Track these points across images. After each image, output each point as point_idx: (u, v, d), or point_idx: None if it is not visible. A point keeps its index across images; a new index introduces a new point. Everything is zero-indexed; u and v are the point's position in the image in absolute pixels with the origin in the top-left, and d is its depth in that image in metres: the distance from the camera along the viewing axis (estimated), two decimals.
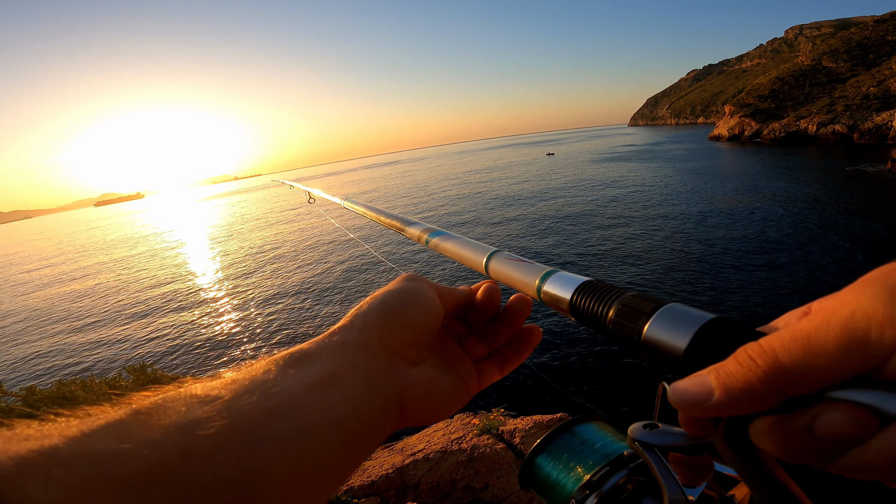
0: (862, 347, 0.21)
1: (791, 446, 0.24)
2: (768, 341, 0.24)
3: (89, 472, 0.21)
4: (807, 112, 78.33)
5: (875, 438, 0.21)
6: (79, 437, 0.22)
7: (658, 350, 0.32)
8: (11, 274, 46.30)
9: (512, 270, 0.57)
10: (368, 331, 0.39)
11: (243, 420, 0.27)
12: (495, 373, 0.48)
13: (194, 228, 60.70)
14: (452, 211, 36.55)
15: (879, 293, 0.21)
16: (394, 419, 0.37)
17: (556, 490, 0.42)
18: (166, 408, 0.26)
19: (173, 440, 0.24)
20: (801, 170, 38.15)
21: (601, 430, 0.46)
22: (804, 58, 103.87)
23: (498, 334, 0.49)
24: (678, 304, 0.34)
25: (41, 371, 16.03)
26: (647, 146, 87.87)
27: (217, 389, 0.29)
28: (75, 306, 25.32)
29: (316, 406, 0.31)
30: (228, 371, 0.33)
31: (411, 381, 0.39)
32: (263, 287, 22.19)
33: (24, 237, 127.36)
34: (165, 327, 18.55)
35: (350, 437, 0.32)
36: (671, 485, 0.34)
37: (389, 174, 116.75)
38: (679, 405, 0.28)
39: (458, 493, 4.73)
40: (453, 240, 0.76)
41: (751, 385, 0.24)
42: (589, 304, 0.42)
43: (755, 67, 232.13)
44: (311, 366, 0.34)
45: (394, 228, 1.05)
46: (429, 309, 0.42)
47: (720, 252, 17.56)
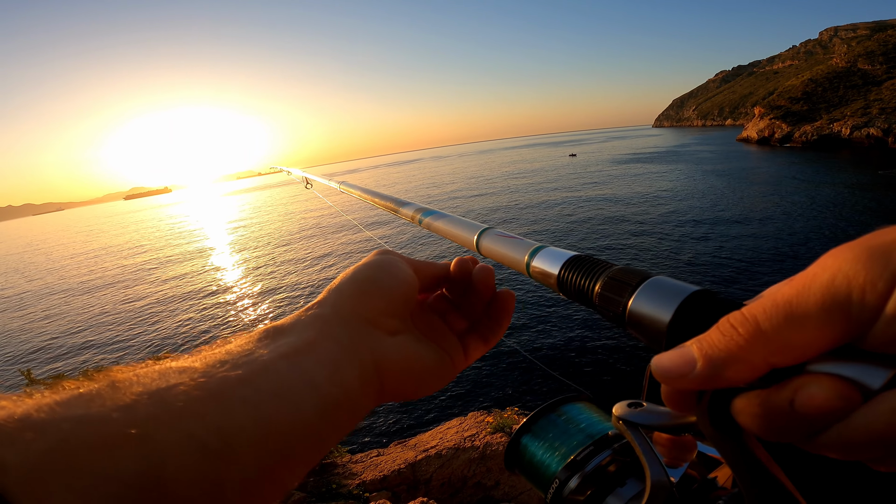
0: (844, 312, 0.21)
1: (772, 422, 0.23)
2: (750, 309, 0.24)
3: (59, 436, 0.21)
4: (840, 115, 75.97)
5: (856, 414, 0.21)
6: (52, 404, 0.22)
7: (643, 324, 0.32)
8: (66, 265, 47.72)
9: (502, 247, 0.56)
10: (342, 303, 0.39)
11: (215, 385, 0.27)
12: (480, 345, 0.48)
13: (226, 223, 61.68)
14: (475, 207, 36.51)
15: (860, 256, 0.21)
16: (374, 389, 0.37)
17: (540, 470, 0.42)
18: (140, 377, 0.26)
19: (143, 403, 0.24)
20: (833, 174, 37.01)
21: (587, 409, 0.45)
22: (839, 59, 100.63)
23: (472, 306, 0.49)
24: (664, 277, 0.33)
25: (73, 359, 16.57)
26: (673, 148, 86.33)
27: (190, 361, 0.29)
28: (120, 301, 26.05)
29: (289, 372, 0.31)
30: (204, 347, 0.33)
31: (388, 349, 0.38)
32: (292, 283, 22.49)
33: (61, 227, 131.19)
34: (201, 318, 18.98)
35: (327, 402, 0.32)
36: (654, 465, 0.34)
37: (411, 171, 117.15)
38: (662, 377, 0.27)
39: (468, 489, 4.75)
40: (445, 219, 0.76)
41: (733, 354, 0.24)
42: (576, 279, 0.41)
43: (787, 69, 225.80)
44: (286, 338, 0.34)
45: (388, 209, 1.07)
46: (402, 279, 0.42)
47: (748, 256, 17.20)
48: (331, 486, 4.57)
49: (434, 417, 9.56)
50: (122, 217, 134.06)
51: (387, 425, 9.72)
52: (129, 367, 0.28)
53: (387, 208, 1.08)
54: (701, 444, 0.39)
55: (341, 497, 4.26)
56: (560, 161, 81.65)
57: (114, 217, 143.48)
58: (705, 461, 0.40)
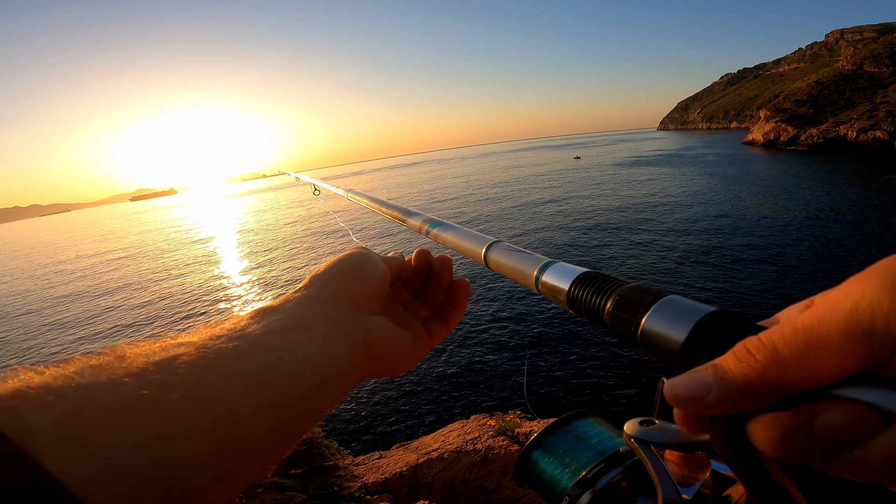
0: (867, 340, 0.20)
1: (789, 445, 0.22)
2: (768, 335, 0.23)
3: (78, 401, 0.22)
4: (847, 118, 75.62)
5: (876, 438, 0.20)
6: (66, 374, 0.23)
7: (656, 344, 0.31)
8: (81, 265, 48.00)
9: (510, 261, 0.56)
10: (329, 285, 0.42)
11: (213, 356, 0.29)
12: (442, 329, 0.52)
13: (231, 226, 61.91)
14: (477, 211, 36.51)
15: (885, 283, 0.20)
16: (362, 362, 0.39)
17: (550, 486, 0.42)
18: (144, 350, 0.28)
19: (150, 371, 0.26)
20: (839, 176, 36.82)
21: (598, 425, 0.45)
22: (845, 62, 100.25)
23: (433, 294, 0.54)
24: (677, 297, 0.33)
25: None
26: (678, 151, 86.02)
27: (188, 337, 0.31)
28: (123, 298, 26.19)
29: (283, 345, 0.33)
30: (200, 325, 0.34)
31: (374, 326, 0.42)
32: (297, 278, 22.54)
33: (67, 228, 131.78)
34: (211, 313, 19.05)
35: (320, 374, 0.34)
36: (666, 483, 0.33)
37: (415, 174, 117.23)
38: (675, 402, 0.27)
39: (470, 493, 4.74)
40: (453, 230, 0.75)
41: (749, 381, 0.23)
42: (587, 296, 0.41)
43: (793, 72, 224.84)
44: (278, 315, 0.36)
45: (395, 219, 1.08)
46: (378, 268, 0.46)
47: (752, 260, 17.11)
48: (332, 488, 4.57)
49: (436, 420, 9.54)
50: (127, 219, 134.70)
51: (389, 428, 9.71)
52: (133, 343, 0.29)
53: (394, 218, 1.09)
54: (714, 461, 0.39)
55: (343, 500, 4.26)
56: (565, 164, 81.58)
57: (119, 219, 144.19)
58: (719, 479, 0.40)
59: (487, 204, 41.09)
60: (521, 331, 13.07)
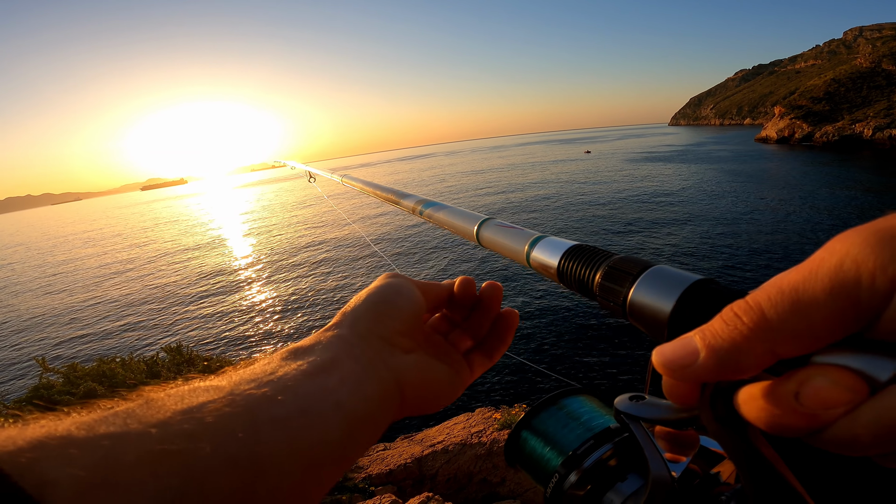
0: (853, 298, 0.19)
1: (777, 415, 0.22)
2: (754, 296, 0.23)
3: (101, 453, 0.21)
4: (863, 115, 74.34)
5: (863, 407, 0.20)
6: (90, 422, 0.23)
7: (644, 315, 0.31)
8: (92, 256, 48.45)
9: (502, 237, 0.55)
10: (359, 324, 0.40)
11: (243, 403, 0.28)
12: (485, 362, 0.49)
13: (239, 217, 62.22)
14: (491, 202, 36.40)
15: (869, 239, 0.20)
16: (395, 404, 0.38)
17: (540, 464, 0.41)
18: (171, 395, 0.27)
19: (178, 420, 0.25)
20: (853, 175, 36.23)
21: (588, 402, 0.44)
22: (863, 60, 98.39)
23: (479, 324, 0.49)
24: (665, 266, 0.32)
25: (85, 349, 16.86)
26: (689, 146, 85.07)
27: (217, 381, 0.30)
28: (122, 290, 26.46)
29: (314, 390, 0.32)
30: (228, 368, 0.33)
31: (407, 365, 0.40)
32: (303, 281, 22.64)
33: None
34: (212, 313, 19.20)
35: (352, 419, 0.33)
36: (655, 459, 0.33)
37: (423, 167, 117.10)
38: (663, 368, 0.26)
39: (474, 486, 4.75)
40: (446, 209, 0.76)
41: (737, 344, 0.23)
42: (576, 269, 0.40)
43: (809, 69, 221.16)
44: (308, 357, 0.35)
45: (389, 201, 1.07)
46: (411, 299, 0.43)
47: (762, 256, 16.95)
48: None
49: (441, 413, 9.55)
50: (138, 207, 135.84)
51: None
52: (160, 387, 0.29)
53: (388, 200, 1.09)
54: (704, 438, 0.39)
55: (346, 490, 4.29)
56: (575, 158, 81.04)
57: (130, 207, 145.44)
58: (708, 456, 0.39)
59: (496, 197, 40.93)
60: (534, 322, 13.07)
